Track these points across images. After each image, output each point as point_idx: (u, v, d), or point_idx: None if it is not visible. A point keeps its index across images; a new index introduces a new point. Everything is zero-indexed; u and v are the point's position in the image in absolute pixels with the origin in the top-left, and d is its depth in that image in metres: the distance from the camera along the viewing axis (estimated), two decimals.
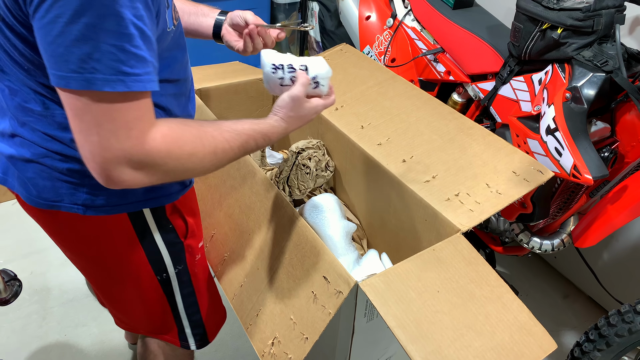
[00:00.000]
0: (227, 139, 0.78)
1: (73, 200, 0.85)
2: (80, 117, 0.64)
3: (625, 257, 1.72)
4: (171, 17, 0.78)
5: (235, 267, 1.08)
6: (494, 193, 1.07)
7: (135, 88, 0.64)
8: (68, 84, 0.62)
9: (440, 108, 1.32)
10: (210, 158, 0.76)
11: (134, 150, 0.66)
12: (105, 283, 1.03)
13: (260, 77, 1.50)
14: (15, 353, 1.69)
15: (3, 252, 2.04)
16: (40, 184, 0.84)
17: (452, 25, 1.61)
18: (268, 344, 0.94)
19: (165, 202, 0.93)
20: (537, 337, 0.85)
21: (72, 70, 0.61)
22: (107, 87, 0.62)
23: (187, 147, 0.72)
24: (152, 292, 1.02)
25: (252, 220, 1.08)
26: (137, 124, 0.66)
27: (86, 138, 0.65)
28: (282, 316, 0.95)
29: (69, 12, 0.59)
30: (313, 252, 0.95)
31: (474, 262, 0.93)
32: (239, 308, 1.05)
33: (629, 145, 1.27)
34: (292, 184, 1.34)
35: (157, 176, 0.71)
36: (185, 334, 1.11)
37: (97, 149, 0.65)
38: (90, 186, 0.84)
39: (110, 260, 0.97)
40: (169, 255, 0.98)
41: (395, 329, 0.81)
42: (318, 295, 0.90)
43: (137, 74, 0.64)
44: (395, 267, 0.90)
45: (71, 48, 0.60)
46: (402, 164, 1.15)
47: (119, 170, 0.67)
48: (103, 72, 0.61)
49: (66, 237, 0.94)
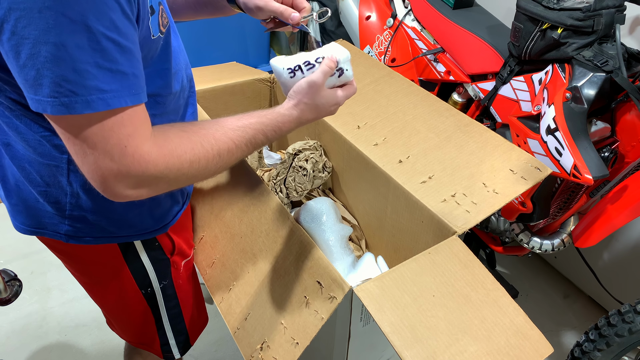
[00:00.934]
0: (232, 138, 0.73)
1: (56, 229, 0.85)
2: (72, 140, 0.61)
3: (625, 257, 1.71)
4: (157, 23, 0.72)
5: (224, 271, 1.07)
6: (490, 193, 1.06)
7: (117, 105, 0.60)
8: (45, 110, 0.58)
9: (438, 105, 1.30)
10: (216, 161, 0.72)
11: (130, 168, 0.63)
12: (91, 290, 1.03)
13: (259, 77, 1.50)
14: (15, 353, 1.70)
15: (3, 252, 2.05)
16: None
17: (452, 25, 1.60)
18: (256, 349, 0.93)
19: (157, 234, 0.92)
20: (534, 340, 0.84)
21: (47, 95, 0.57)
22: (87, 110, 0.58)
23: (187, 156, 0.68)
24: (136, 305, 1.01)
25: (244, 223, 1.08)
26: (131, 141, 0.63)
27: (82, 159, 0.63)
28: (272, 320, 0.94)
29: (35, 32, 0.54)
30: (307, 257, 0.94)
31: (469, 265, 0.93)
32: (226, 312, 1.03)
33: (629, 145, 1.26)
34: (290, 186, 1.33)
35: (161, 188, 0.69)
36: (170, 345, 1.10)
37: (94, 170, 0.63)
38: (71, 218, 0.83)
39: (95, 273, 0.97)
40: (154, 271, 0.97)
41: (390, 335, 0.81)
42: (310, 300, 0.89)
43: (117, 89, 0.60)
44: (391, 272, 0.89)
45: (43, 71, 0.56)
46: (399, 164, 1.14)
47: (120, 187, 0.64)
48: (80, 94, 0.58)
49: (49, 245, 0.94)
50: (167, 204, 0.92)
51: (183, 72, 0.86)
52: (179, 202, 0.96)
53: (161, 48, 0.76)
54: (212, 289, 1.09)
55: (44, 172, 0.78)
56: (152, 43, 0.72)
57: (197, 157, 0.69)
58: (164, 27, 0.75)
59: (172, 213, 0.94)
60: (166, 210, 0.93)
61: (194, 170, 0.69)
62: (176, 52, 0.83)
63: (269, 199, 1.06)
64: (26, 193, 0.82)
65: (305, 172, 1.32)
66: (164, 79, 0.80)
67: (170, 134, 0.69)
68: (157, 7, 0.72)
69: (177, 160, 0.67)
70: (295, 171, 1.33)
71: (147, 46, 0.71)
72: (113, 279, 0.95)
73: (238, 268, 1.05)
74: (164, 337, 1.08)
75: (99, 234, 0.86)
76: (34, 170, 0.79)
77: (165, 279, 0.99)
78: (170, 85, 0.81)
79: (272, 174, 1.38)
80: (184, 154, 0.68)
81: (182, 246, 1.01)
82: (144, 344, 1.10)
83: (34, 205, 0.83)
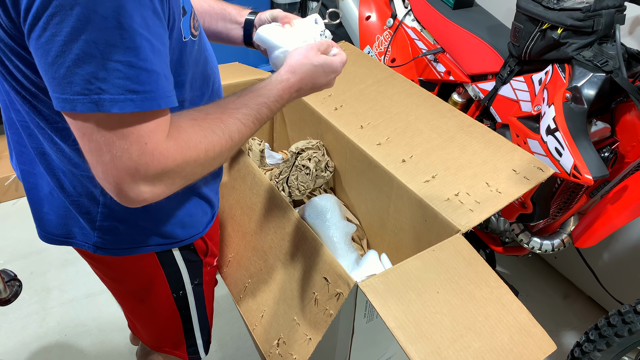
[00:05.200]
0: (239, 118, 0.71)
1: (85, 240, 0.84)
2: (89, 137, 0.59)
3: (625, 257, 1.72)
4: (188, 25, 0.70)
5: (239, 269, 1.09)
6: (493, 192, 1.06)
7: (147, 107, 0.58)
8: (74, 108, 0.56)
9: (440, 106, 1.31)
10: (229, 145, 0.70)
11: (149, 166, 0.60)
12: (122, 297, 1.02)
13: (260, 77, 1.50)
14: (15, 353, 1.69)
15: (3, 252, 2.04)
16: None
17: (452, 25, 1.61)
18: (273, 345, 0.94)
19: (192, 240, 0.91)
20: (537, 338, 0.85)
21: (76, 93, 0.55)
22: (115, 109, 0.56)
23: (202, 145, 0.66)
24: (166, 310, 0.99)
25: (253, 221, 1.08)
26: (151, 137, 0.60)
27: (98, 158, 0.59)
28: (286, 317, 0.95)
29: (66, 29, 0.53)
30: (313, 253, 0.95)
31: (473, 263, 0.93)
32: (245, 309, 1.05)
33: (629, 145, 1.27)
34: (292, 185, 1.34)
35: (177, 184, 0.66)
36: (197, 345, 1.09)
37: (110, 169, 0.59)
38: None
39: (129, 281, 0.95)
40: (187, 273, 0.95)
41: (395, 330, 0.81)
42: (319, 297, 0.90)
43: (148, 90, 0.58)
44: (395, 268, 0.90)
45: (73, 68, 0.54)
46: (402, 164, 1.14)
47: (137, 187, 0.61)
48: (110, 92, 0.56)
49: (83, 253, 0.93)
50: (198, 213, 0.90)
51: (216, 76, 0.86)
52: (208, 211, 0.93)
53: (196, 51, 0.74)
54: (230, 287, 1.11)
55: (77, 183, 0.78)
56: (184, 46, 0.70)
57: (211, 145, 0.67)
58: (196, 29, 0.74)
59: (204, 221, 0.92)
60: (199, 219, 0.91)
61: (210, 159, 0.67)
62: (212, 57, 0.83)
63: (274, 196, 1.07)
64: (58, 202, 0.82)
65: (308, 171, 1.32)
66: (198, 83, 0.78)
67: (181, 124, 0.66)
68: (190, 8, 0.70)
69: (194, 152, 0.65)
70: (298, 170, 1.33)
71: (179, 49, 0.69)
72: (147, 286, 0.94)
73: (251, 266, 1.06)
74: (192, 338, 1.06)
75: (128, 245, 0.84)
76: (67, 180, 0.78)
77: (196, 279, 0.98)
78: (204, 90, 0.81)
79: (274, 173, 1.38)
80: (199, 143, 0.66)
81: (213, 248, 1.00)
82: (168, 348, 1.09)
83: (65, 214, 0.83)
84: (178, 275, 0.94)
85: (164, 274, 0.92)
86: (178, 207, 0.86)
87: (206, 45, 0.83)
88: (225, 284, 1.11)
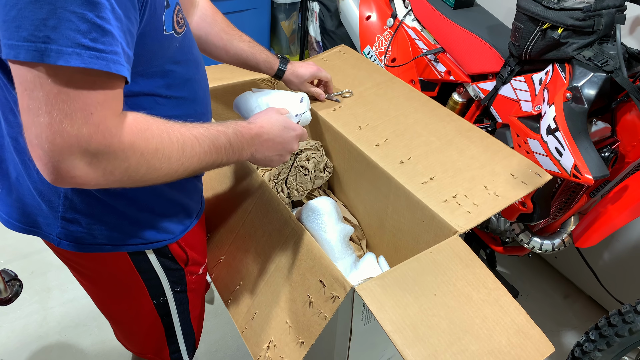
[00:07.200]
0: (196, 135, 0.70)
1: (48, 230, 0.81)
2: (30, 93, 0.54)
3: (625, 257, 1.71)
4: (171, 20, 0.69)
5: (230, 271, 1.08)
6: (491, 195, 1.06)
7: (94, 65, 0.54)
8: (18, 55, 0.52)
9: (439, 110, 1.31)
10: (178, 156, 0.67)
11: (91, 138, 0.56)
12: (101, 301, 1.01)
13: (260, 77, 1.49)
14: (15, 353, 1.70)
15: (3, 252, 2.05)
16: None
17: (453, 25, 1.60)
18: (263, 348, 0.94)
19: (165, 244, 0.88)
20: (535, 340, 0.84)
21: (23, 39, 0.51)
22: (60, 61, 0.52)
23: (153, 141, 0.63)
24: (147, 316, 0.97)
25: (247, 222, 1.08)
26: (99, 110, 0.56)
27: (34, 119, 0.54)
28: (278, 320, 0.94)
29: None
30: (309, 256, 0.95)
31: (471, 265, 0.93)
32: (234, 311, 1.04)
33: (630, 145, 1.26)
34: (291, 185, 1.33)
35: (116, 175, 0.61)
36: (180, 351, 1.07)
37: (45, 133, 0.54)
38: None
39: (104, 283, 0.93)
40: (167, 280, 0.93)
41: (392, 334, 0.81)
42: (314, 299, 0.90)
43: (100, 49, 0.54)
44: (392, 271, 0.89)
45: (24, 11, 0.51)
46: (400, 165, 1.14)
47: (70, 162, 0.56)
48: (58, 43, 0.52)
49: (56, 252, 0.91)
50: (170, 217, 0.88)
51: (201, 85, 0.85)
52: (183, 217, 0.91)
53: (177, 51, 0.74)
54: (220, 289, 1.10)
55: None
56: (164, 39, 0.69)
57: (161, 146, 0.64)
58: (180, 28, 0.73)
59: (179, 226, 0.90)
60: (171, 223, 0.88)
61: (155, 160, 0.64)
62: (199, 66, 0.83)
63: (270, 199, 1.07)
64: (24, 188, 0.79)
65: (306, 172, 1.32)
66: (177, 83, 0.78)
67: (138, 116, 0.64)
68: (173, 3, 0.69)
69: (143, 143, 0.62)
70: (297, 171, 1.33)
71: (158, 40, 0.68)
72: (124, 291, 0.92)
73: (243, 268, 1.06)
74: (175, 344, 1.04)
75: (92, 241, 0.81)
76: (33, 166, 0.75)
77: (178, 286, 0.96)
78: (184, 94, 0.80)
79: (272, 174, 1.38)
80: (152, 138, 0.63)
81: (196, 256, 0.97)
82: (151, 355, 1.07)
83: (30, 202, 0.80)
84: (157, 282, 0.91)
85: (141, 280, 0.90)
86: (147, 207, 0.83)
87: (193, 50, 0.82)
88: (214, 286, 1.10)
